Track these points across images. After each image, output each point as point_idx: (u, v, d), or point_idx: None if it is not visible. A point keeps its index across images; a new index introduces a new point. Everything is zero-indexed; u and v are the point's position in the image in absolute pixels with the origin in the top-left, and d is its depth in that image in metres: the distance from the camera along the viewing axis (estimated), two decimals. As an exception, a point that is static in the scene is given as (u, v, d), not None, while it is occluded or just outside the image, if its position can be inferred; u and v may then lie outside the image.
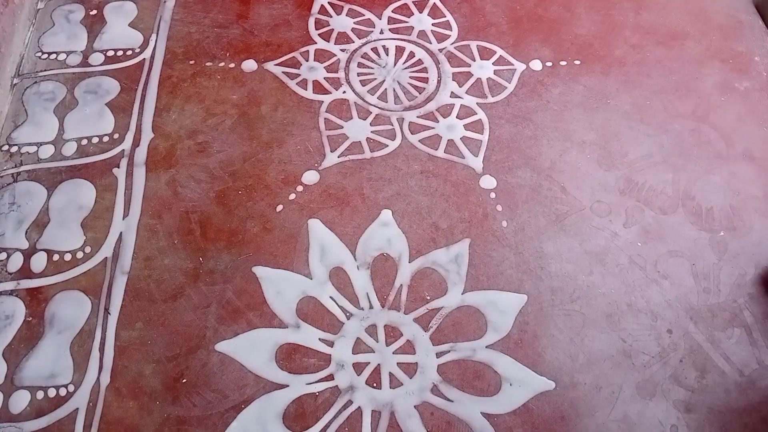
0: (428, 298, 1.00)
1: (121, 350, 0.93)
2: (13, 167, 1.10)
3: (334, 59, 1.30)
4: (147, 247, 1.03)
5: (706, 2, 1.48)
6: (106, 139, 1.15)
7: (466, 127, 1.22)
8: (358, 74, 1.28)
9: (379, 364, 0.93)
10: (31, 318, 0.95)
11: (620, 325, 0.99)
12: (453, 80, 1.29)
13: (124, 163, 1.12)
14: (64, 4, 1.36)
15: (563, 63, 1.33)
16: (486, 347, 0.96)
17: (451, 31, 1.37)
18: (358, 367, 0.93)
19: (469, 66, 1.31)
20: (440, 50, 1.33)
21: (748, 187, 1.17)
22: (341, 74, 1.28)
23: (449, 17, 1.40)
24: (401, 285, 1.01)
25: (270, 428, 0.87)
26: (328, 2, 1.40)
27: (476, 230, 1.08)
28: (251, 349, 0.93)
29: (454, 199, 1.12)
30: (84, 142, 1.14)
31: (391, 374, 0.93)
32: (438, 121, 1.22)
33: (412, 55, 1.32)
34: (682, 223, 1.12)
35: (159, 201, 1.08)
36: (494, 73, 1.30)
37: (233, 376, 0.91)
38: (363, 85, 1.27)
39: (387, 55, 1.32)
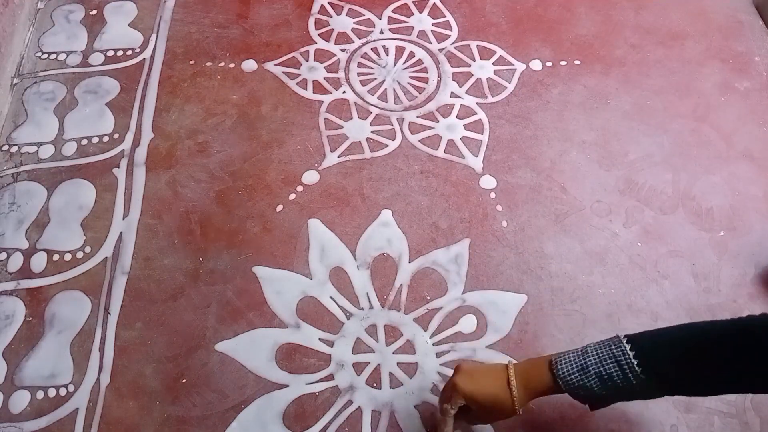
0: (428, 298, 1.00)
1: (121, 350, 0.93)
2: (13, 167, 1.10)
3: (334, 59, 1.30)
4: (147, 247, 1.03)
5: (706, 2, 1.48)
6: (106, 139, 1.15)
7: (466, 127, 1.22)
8: (358, 74, 1.28)
9: (379, 364, 0.93)
10: (31, 318, 0.95)
11: (620, 325, 0.99)
12: (453, 80, 1.29)
13: (124, 163, 1.12)
14: (64, 4, 1.36)
15: (563, 63, 1.33)
16: (486, 347, 0.96)
17: (451, 31, 1.37)
18: (358, 367, 0.93)
19: (469, 66, 1.31)
20: (440, 50, 1.34)
21: (748, 187, 1.17)
22: (341, 74, 1.28)
23: (449, 17, 1.40)
24: (401, 285, 1.01)
25: (270, 428, 0.87)
26: (328, 2, 1.40)
27: (476, 230, 1.08)
28: (251, 349, 0.93)
29: (454, 199, 1.12)
30: (84, 142, 1.14)
31: (391, 374, 0.93)
32: (438, 121, 1.22)
33: (412, 55, 1.32)
34: (682, 223, 1.12)
35: (159, 201, 1.08)
36: (494, 73, 1.30)
37: (233, 376, 0.91)
38: (363, 85, 1.27)
39: (387, 55, 1.32)
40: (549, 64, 1.33)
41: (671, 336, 0.71)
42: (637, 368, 0.67)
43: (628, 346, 0.69)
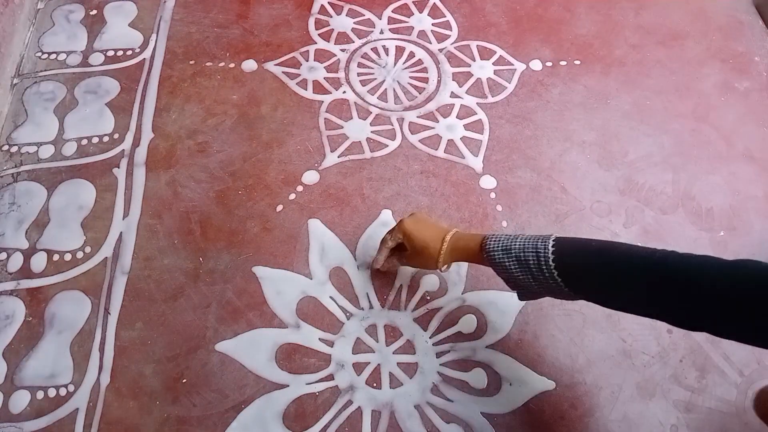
0: (428, 298, 1.00)
1: (121, 350, 0.93)
2: (13, 167, 1.10)
3: (334, 59, 1.30)
4: (147, 247, 1.03)
5: (706, 2, 1.48)
6: (106, 139, 1.15)
7: (466, 127, 1.22)
8: (358, 74, 1.28)
9: (379, 364, 0.93)
10: (31, 318, 0.95)
11: (620, 325, 0.99)
12: (453, 80, 1.29)
13: (124, 163, 1.12)
14: (64, 4, 1.36)
15: (563, 63, 1.33)
16: (486, 347, 0.96)
17: (451, 31, 1.37)
18: (358, 367, 0.93)
19: (469, 66, 1.31)
20: (440, 50, 1.34)
21: (748, 187, 1.17)
22: (341, 74, 1.28)
23: (449, 17, 1.40)
24: (401, 285, 1.01)
25: (270, 428, 0.87)
26: (328, 2, 1.40)
27: (476, 230, 1.08)
28: (251, 349, 0.93)
29: (454, 199, 1.12)
30: (84, 142, 1.14)
31: (391, 374, 0.93)
32: (438, 121, 1.22)
33: (412, 55, 1.32)
34: (682, 223, 1.12)
35: (159, 201, 1.08)
36: (494, 73, 1.30)
37: (233, 376, 0.91)
38: (363, 85, 1.27)
39: (387, 55, 1.32)
40: (549, 64, 1.33)
41: (594, 249, 0.74)
42: (551, 263, 0.73)
43: (551, 243, 0.74)
